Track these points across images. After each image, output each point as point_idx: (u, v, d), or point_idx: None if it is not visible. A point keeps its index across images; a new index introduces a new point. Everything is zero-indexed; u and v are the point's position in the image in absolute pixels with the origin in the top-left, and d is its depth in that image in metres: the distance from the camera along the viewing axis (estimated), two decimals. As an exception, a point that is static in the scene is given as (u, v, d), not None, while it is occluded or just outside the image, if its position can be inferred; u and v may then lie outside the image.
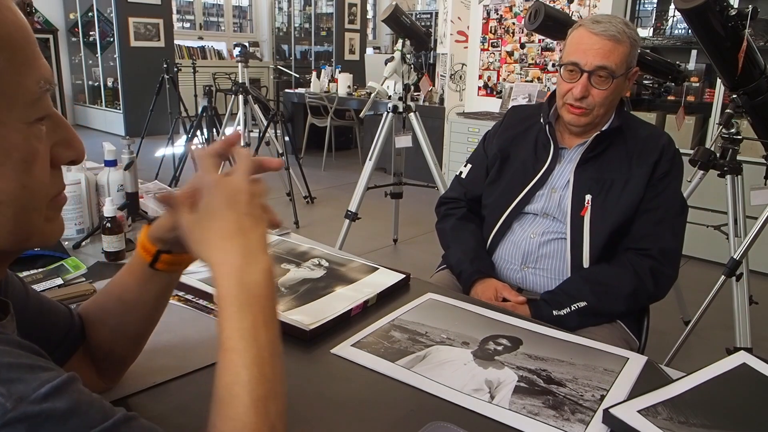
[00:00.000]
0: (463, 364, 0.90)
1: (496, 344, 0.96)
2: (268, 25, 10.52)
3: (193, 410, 0.79)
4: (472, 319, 1.05)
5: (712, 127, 3.47)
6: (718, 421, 0.77)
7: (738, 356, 0.91)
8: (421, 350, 0.93)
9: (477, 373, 0.88)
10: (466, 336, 0.98)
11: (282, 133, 5.31)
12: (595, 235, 1.37)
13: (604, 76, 1.34)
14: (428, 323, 1.02)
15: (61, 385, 0.45)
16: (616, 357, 0.95)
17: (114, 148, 1.48)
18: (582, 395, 0.83)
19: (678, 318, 2.69)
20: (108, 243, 1.30)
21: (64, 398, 0.44)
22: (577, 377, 0.88)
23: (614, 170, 1.39)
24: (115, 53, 7.44)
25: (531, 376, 0.87)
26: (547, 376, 0.88)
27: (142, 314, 0.77)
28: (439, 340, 0.97)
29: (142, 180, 1.67)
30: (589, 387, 0.85)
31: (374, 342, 0.95)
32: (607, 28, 1.32)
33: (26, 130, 0.51)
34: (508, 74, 4.73)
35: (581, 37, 1.35)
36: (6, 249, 0.54)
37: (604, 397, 0.83)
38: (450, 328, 1.01)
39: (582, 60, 1.34)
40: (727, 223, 2.23)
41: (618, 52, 1.33)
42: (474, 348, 0.95)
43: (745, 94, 1.93)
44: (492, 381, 0.86)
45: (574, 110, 1.39)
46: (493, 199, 1.52)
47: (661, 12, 3.98)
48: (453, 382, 0.85)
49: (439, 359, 0.91)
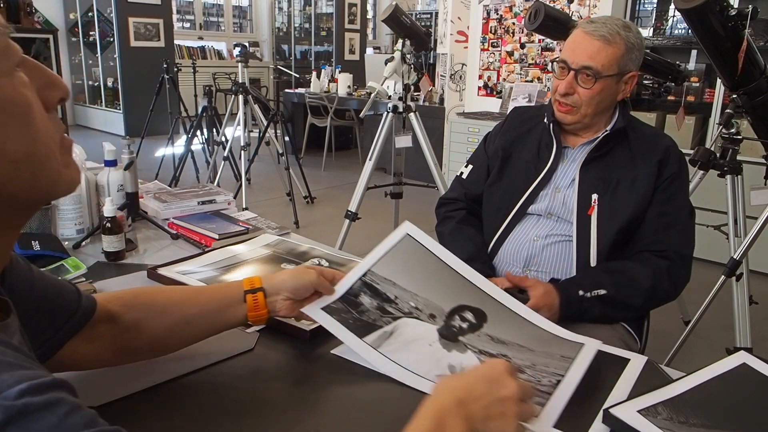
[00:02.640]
0: (428, 345, 0.92)
1: (462, 319, 0.98)
2: (268, 25, 10.52)
3: (193, 410, 0.79)
4: (444, 276, 1.03)
5: (712, 127, 3.47)
6: (718, 421, 0.77)
7: (738, 356, 0.91)
8: (389, 324, 0.94)
9: (441, 356, 0.90)
10: (434, 306, 0.98)
11: (282, 133, 5.31)
12: (602, 235, 1.37)
13: (589, 75, 1.35)
14: (400, 282, 0.99)
15: (41, 385, 0.44)
16: (572, 344, 0.98)
17: (114, 148, 1.48)
18: (539, 380, 0.87)
19: (678, 318, 2.69)
20: (108, 243, 1.30)
21: (42, 397, 0.43)
22: (535, 363, 0.91)
23: (620, 170, 1.39)
24: (115, 53, 7.44)
25: None
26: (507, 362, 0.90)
27: (198, 331, 0.87)
28: (407, 311, 0.96)
29: (142, 180, 1.68)
30: (546, 373, 0.89)
31: (343, 309, 0.94)
32: (597, 29, 1.33)
33: (11, 81, 0.50)
34: (508, 74, 4.73)
35: (575, 35, 1.38)
36: (35, 202, 0.55)
37: (560, 381, 0.87)
38: (420, 293, 0.99)
39: (570, 58, 1.36)
40: (727, 223, 2.23)
41: (606, 53, 1.33)
42: (440, 324, 0.96)
43: (745, 94, 1.93)
44: (455, 366, 0.88)
45: (560, 107, 1.41)
46: (495, 200, 1.52)
47: (661, 12, 3.98)
48: (418, 368, 0.87)
49: (406, 337, 0.92)
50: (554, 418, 0.79)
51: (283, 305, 0.90)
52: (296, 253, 1.34)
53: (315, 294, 0.93)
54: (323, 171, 5.87)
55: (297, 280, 0.90)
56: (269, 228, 1.52)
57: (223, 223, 1.51)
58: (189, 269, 1.22)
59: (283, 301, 0.90)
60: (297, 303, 0.91)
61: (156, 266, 1.23)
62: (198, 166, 5.07)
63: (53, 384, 0.45)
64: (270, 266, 1.26)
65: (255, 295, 0.88)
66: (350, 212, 3.14)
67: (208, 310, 0.87)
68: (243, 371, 0.88)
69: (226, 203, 1.65)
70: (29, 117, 0.51)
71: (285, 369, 0.81)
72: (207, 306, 0.87)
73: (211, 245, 1.40)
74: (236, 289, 0.88)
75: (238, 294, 0.88)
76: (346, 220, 3.14)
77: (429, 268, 1.03)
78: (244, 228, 1.47)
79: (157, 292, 0.91)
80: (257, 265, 1.27)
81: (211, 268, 1.24)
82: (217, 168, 4.42)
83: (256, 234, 1.46)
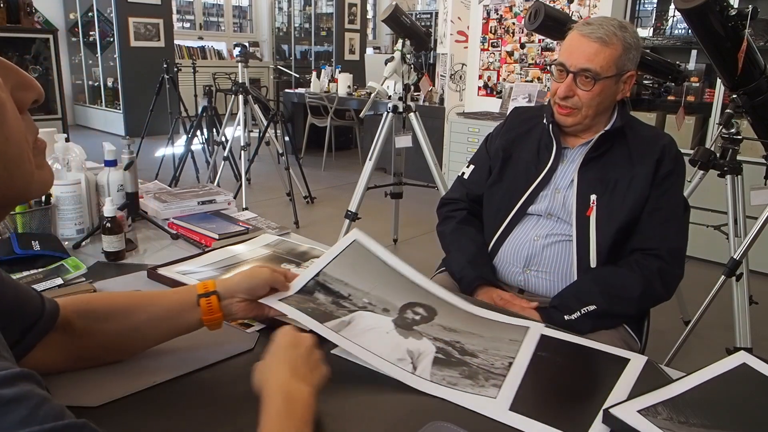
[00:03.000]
0: (385, 333, 0.94)
1: (414, 313, 1.01)
2: (268, 25, 10.52)
3: (193, 410, 0.79)
4: (392, 280, 1.07)
5: (712, 127, 3.47)
6: (718, 421, 0.77)
7: (738, 356, 0.91)
8: (346, 315, 0.95)
9: (399, 342, 0.93)
10: (387, 302, 1.01)
11: (282, 133, 5.31)
12: (601, 235, 1.37)
13: (588, 78, 1.35)
14: (351, 282, 1.02)
15: (10, 376, 0.44)
16: (518, 327, 1.03)
17: (114, 148, 1.48)
18: (493, 364, 0.91)
19: (678, 318, 2.69)
20: (108, 243, 1.30)
21: (12, 389, 0.43)
22: (487, 348, 0.96)
23: (617, 170, 1.39)
24: (115, 53, 7.44)
25: (447, 348, 0.94)
26: (461, 348, 0.95)
27: (150, 336, 0.87)
28: (362, 305, 0.98)
29: (142, 180, 1.68)
30: (498, 356, 0.94)
31: (301, 300, 0.95)
32: (594, 30, 1.34)
33: None
34: (508, 74, 4.73)
35: (572, 38, 1.38)
36: (8, 203, 0.55)
37: (512, 363, 0.91)
38: (371, 291, 1.02)
39: (568, 61, 1.37)
40: (727, 223, 2.23)
41: (604, 55, 1.33)
42: (394, 316, 0.98)
43: (745, 94, 1.93)
44: (413, 351, 0.91)
45: (560, 110, 1.42)
46: (495, 201, 1.52)
47: (661, 12, 3.97)
48: (379, 350, 0.89)
49: (363, 326, 0.94)
50: (510, 400, 0.83)
51: (239, 307, 0.90)
52: (296, 253, 1.34)
53: (271, 291, 0.93)
54: (323, 171, 5.88)
55: (250, 280, 0.91)
56: (269, 228, 1.52)
57: (223, 223, 1.51)
58: (189, 269, 1.22)
59: (239, 303, 0.90)
60: (253, 303, 0.91)
61: (156, 266, 1.23)
62: (198, 166, 5.07)
63: (21, 375, 0.45)
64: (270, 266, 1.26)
65: (209, 299, 0.87)
66: (350, 212, 3.14)
67: (160, 314, 0.86)
68: (243, 371, 0.87)
69: (226, 203, 1.65)
70: (2, 118, 0.50)
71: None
72: (159, 311, 0.86)
73: (211, 245, 1.40)
74: (190, 294, 0.88)
75: (191, 298, 0.87)
76: (346, 220, 3.14)
77: (378, 270, 1.08)
78: (244, 228, 1.47)
79: (106, 298, 0.92)
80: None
81: (211, 268, 1.24)
82: (217, 168, 4.42)
83: (256, 234, 1.46)
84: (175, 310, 0.87)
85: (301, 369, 0.75)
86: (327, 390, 0.84)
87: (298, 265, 1.27)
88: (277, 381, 0.72)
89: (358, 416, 0.80)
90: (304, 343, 0.79)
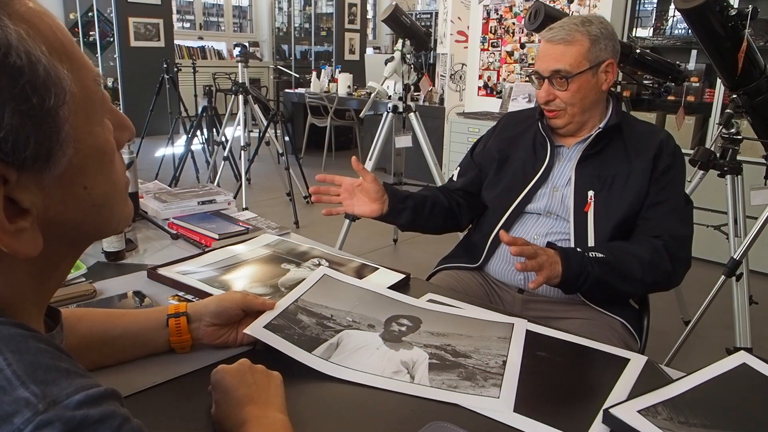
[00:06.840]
0: (375, 348, 0.94)
1: (399, 325, 1.01)
2: (268, 25, 10.52)
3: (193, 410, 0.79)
4: (369, 299, 1.09)
5: (712, 127, 3.47)
6: (718, 421, 0.77)
7: (738, 356, 0.91)
8: (333, 336, 0.95)
9: (391, 356, 0.92)
10: (370, 318, 1.02)
11: (282, 133, 5.31)
12: (599, 231, 1.37)
13: (561, 78, 1.38)
14: (331, 305, 1.04)
15: (97, 396, 0.44)
16: (504, 325, 1.04)
17: (114, 148, 1.48)
18: (487, 363, 0.91)
19: (678, 318, 2.69)
20: (108, 243, 1.30)
21: (98, 409, 0.43)
22: (478, 348, 0.96)
23: (615, 166, 1.40)
24: (115, 53, 7.44)
25: (439, 352, 0.94)
26: (453, 350, 0.95)
27: (118, 350, 0.86)
28: (347, 324, 0.99)
29: (142, 180, 1.68)
30: (490, 355, 0.94)
31: (285, 326, 0.95)
32: (555, 34, 1.38)
33: (102, 130, 0.51)
34: (508, 74, 4.73)
35: (541, 47, 1.44)
36: (99, 237, 0.57)
37: (506, 362, 0.91)
38: (353, 310, 1.04)
39: (540, 67, 1.42)
40: (727, 223, 2.23)
41: (571, 53, 1.37)
42: (381, 331, 0.99)
43: (745, 94, 1.93)
44: (407, 362, 0.91)
45: (548, 114, 1.46)
46: (494, 200, 1.53)
47: (661, 12, 3.97)
48: (373, 369, 0.89)
49: (353, 346, 0.94)
50: (512, 400, 0.82)
51: (205, 332, 0.89)
52: (296, 253, 1.34)
53: (248, 317, 0.93)
54: (323, 171, 5.87)
55: (218, 304, 0.90)
56: (269, 228, 1.52)
57: (223, 223, 1.51)
58: (189, 269, 1.22)
59: (206, 327, 0.89)
60: (221, 329, 0.90)
61: (156, 266, 1.23)
62: (198, 166, 5.07)
63: (107, 394, 0.45)
64: (270, 266, 1.26)
65: (178, 320, 0.87)
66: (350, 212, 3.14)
67: (132, 330, 0.86)
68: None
69: (226, 203, 1.65)
70: (113, 163, 0.52)
71: (285, 369, 0.81)
72: (131, 327, 0.86)
73: (211, 245, 1.40)
74: (160, 314, 0.88)
75: (160, 318, 0.87)
76: (346, 220, 3.14)
77: (354, 293, 1.11)
78: (244, 228, 1.47)
79: (75, 315, 0.85)
80: (257, 265, 1.27)
81: (211, 268, 1.24)
82: (217, 168, 4.42)
83: (256, 234, 1.46)
84: (144, 327, 0.86)
85: (261, 396, 0.73)
86: (327, 391, 0.85)
87: (298, 265, 1.27)
88: (247, 420, 0.69)
89: (359, 416, 0.80)
90: (242, 369, 0.77)
